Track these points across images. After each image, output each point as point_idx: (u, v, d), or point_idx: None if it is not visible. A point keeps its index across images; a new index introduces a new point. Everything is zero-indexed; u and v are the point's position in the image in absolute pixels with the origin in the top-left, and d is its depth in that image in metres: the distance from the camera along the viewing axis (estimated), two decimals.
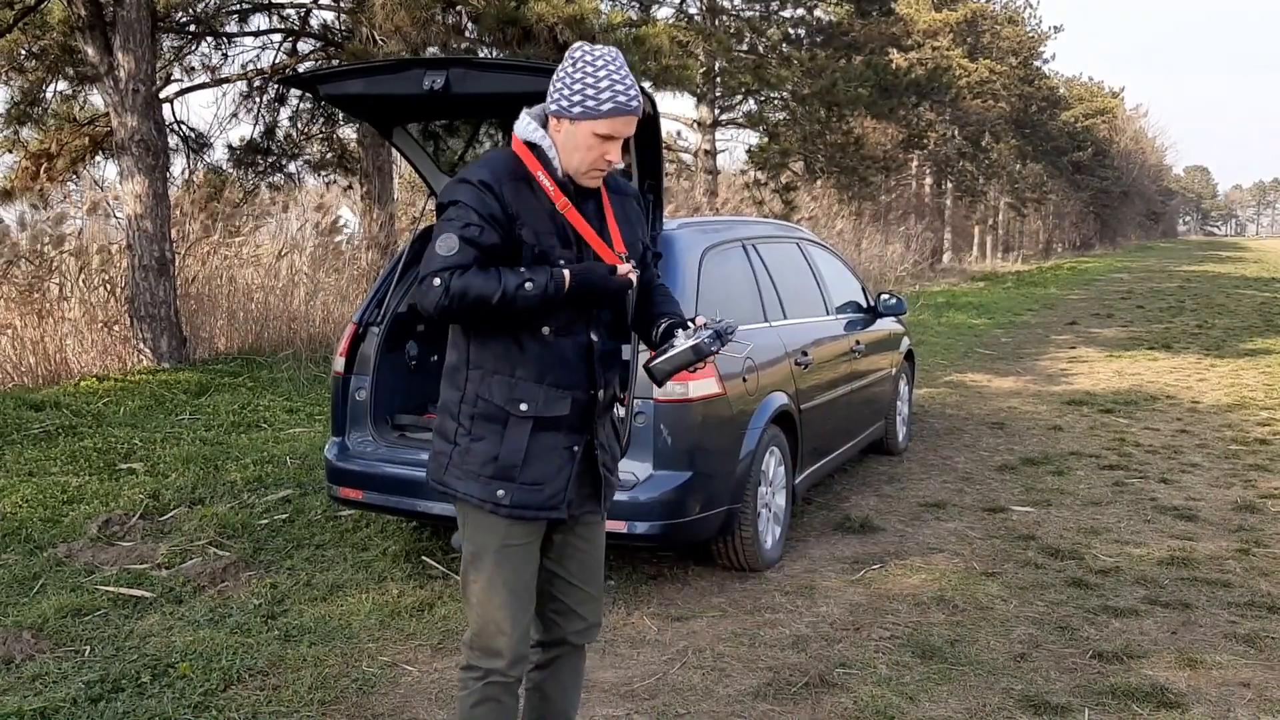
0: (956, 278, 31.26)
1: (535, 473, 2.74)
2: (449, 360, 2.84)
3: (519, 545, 2.79)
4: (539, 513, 2.76)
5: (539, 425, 2.74)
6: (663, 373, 2.77)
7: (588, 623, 2.99)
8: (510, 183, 2.70)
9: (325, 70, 4.86)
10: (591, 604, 2.99)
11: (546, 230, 2.71)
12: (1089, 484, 7.19)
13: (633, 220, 2.93)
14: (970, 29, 37.11)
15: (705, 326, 2.77)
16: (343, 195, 15.58)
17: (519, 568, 2.80)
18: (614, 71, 2.65)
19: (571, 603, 2.95)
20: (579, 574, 2.94)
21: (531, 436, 2.74)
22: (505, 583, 2.78)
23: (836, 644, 4.48)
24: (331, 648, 4.37)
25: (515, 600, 2.79)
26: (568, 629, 2.97)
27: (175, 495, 6.32)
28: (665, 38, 11.66)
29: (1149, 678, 4.15)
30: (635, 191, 3.02)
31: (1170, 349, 14.82)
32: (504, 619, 2.78)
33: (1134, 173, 72.48)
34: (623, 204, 2.92)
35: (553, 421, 2.75)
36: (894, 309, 7.55)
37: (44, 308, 9.53)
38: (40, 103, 12.70)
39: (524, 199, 2.70)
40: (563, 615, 2.96)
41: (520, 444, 2.73)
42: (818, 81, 21.29)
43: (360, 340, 5.48)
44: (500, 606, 2.78)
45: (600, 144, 2.68)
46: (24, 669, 4.13)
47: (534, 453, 2.74)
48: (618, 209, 2.88)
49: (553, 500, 2.77)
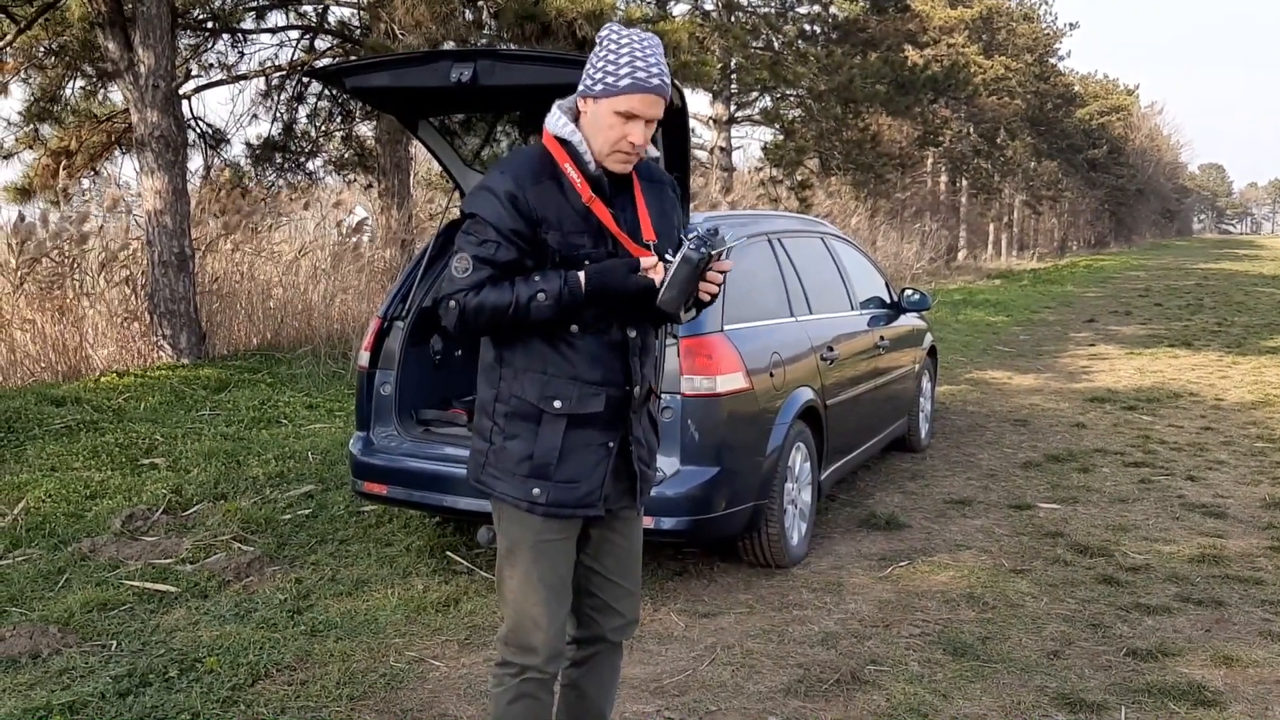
0: (972, 275, 31.15)
1: (570, 470, 2.71)
2: (483, 358, 2.82)
3: (555, 541, 2.76)
4: (575, 510, 2.73)
5: (573, 422, 2.70)
6: (670, 301, 2.63)
7: (625, 619, 2.95)
8: (535, 185, 2.67)
9: (351, 63, 4.84)
10: (629, 600, 2.95)
11: (576, 229, 2.67)
12: (1115, 481, 7.13)
13: (667, 209, 2.86)
14: (986, 26, 37.01)
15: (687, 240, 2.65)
16: (361, 193, 15.59)
17: (555, 563, 2.77)
18: (638, 50, 2.61)
19: (609, 599, 2.91)
20: (616, 570, 2.90)
21: (566, 434, 2.70)
22: (541, 578, 2.75)
23: (866, 641, 4.44)
24: (358, 643, 4.35)
25: (552, 596, 2.76)
26: (605, 625, 2.93)
27: (198, 490, 6.31)
28: (684, 33, 11.63)
29: (1184, 676, 4.10)
30: (669, 179, 2.95)
31: (1191, 346, 14.72)
32: (540, 615, 2.75)
33: (1149, 170, 72.12)
34: (657, 193, 2.85)
35: (587, 418, 2.71)
36: (917, 304, 7.50)
37: (65, 304, 9.54)
38: (59, 100, 12.72)
39: (550, 199, 2.66)
40: (600, 611, 2.92)
41: (555, 441, 2.70)
42: (834, 78, 21.24)
43: (385, 335, 5.45)
44: (537, 603, 2.75)
45: (621, 124, 2.63)
46: (51, 663, 4.12)
47: (568, 450, 2.71)
48: (651, 198, 2.82)
49: (589, 498, 2.73)
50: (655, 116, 2.65)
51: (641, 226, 2.75)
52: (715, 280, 2.66)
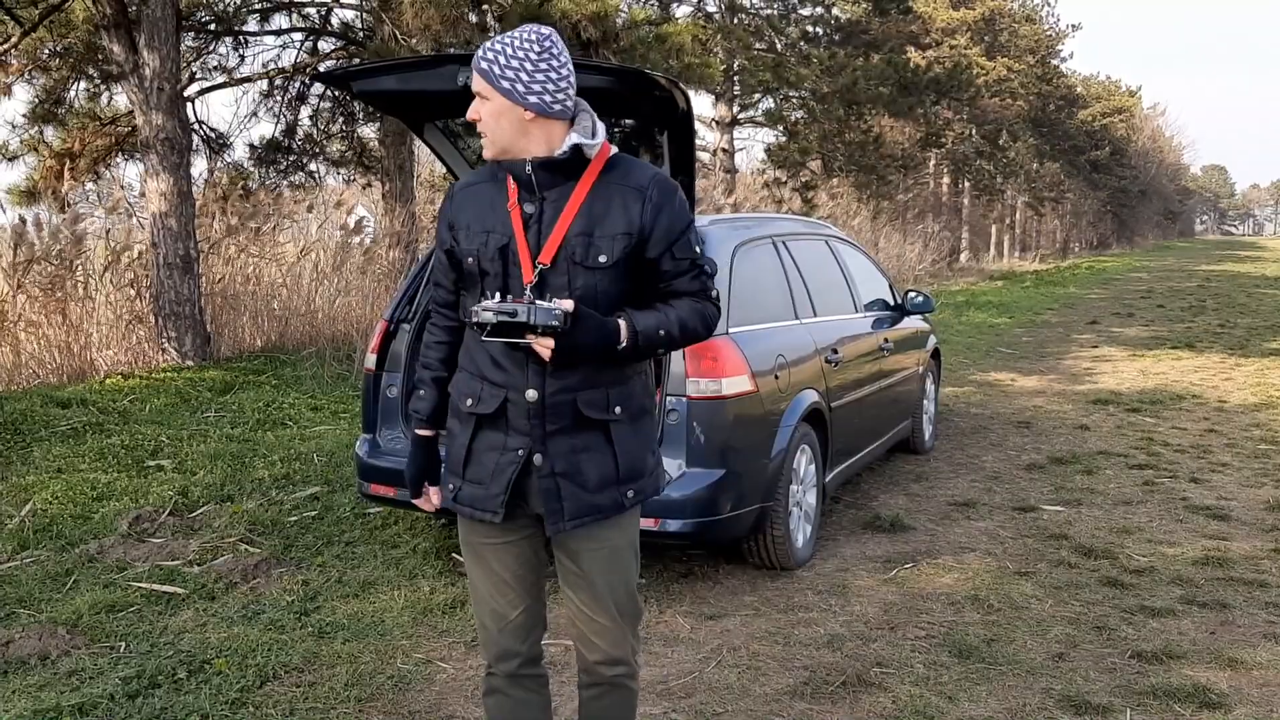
0: (975, 277, 31.17)
1: (476, 470, 2.66)
2: None
3: (485, 544, 2.71)
4: (477, 512, 2.66)
5: (480, 422, 2.65)
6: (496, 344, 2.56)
7: (606, 655, 2.75)
8: (469, 187, 2.69)
9: (359, 67, 4.84)
10: (607, 635, 2.73)
11: (481, 229, 2.61)
12: (1119, 483, 7.14)
13: (614, 214, 2.56)
14: (988, 27, 37.03)
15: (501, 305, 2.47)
16: (362, 193, 15.60)
17: (491, 567, 2.73)
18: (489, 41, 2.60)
19: (586, 630, 2.76)
20: (587, 603, 2.72)
21: (475, 433, 2.66)
22: (478, 579, 2.76)
23: (872, 643, 4.45)
24: (365, 644, 4.36)
25: (490, 598, 2.74)
26: (589, 658, 2.79)
27: (204, 492, 6.33)
28: (687, 36, 11.63)
29: (1190, 678, 4.11)
30: (647, 182, 2.60)
31: (1194, 348, 14.73)
32: (482, 614, 2.78)
33: (1151, 172, 72.12)
34: (615, 194, 2.57)
35: (490, 419, 2.63)
36: (921, 307, 7.51)
37: (68, 306, 9.56)
38: (63, 102, 12.74)
39: (475, 201, 2.65)
40: (583, 643, 2.79)
41: (464, 439, 2.67)
42: (837, 80, 21.25)
43: (391, 338, 5.47)
44: (476, 601, 2.78)
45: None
46: (60, 665, 4.13)
47: (476, 450, 2.66)
48: (598, 199, 2.57)
49: (492, 502, 2.63)
50: (476, 90, 2.56)
51: (550, 239, 2.54)
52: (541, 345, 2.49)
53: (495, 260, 2.58)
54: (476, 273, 2.61)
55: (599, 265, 2.55)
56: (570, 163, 2.58)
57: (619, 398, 2.64)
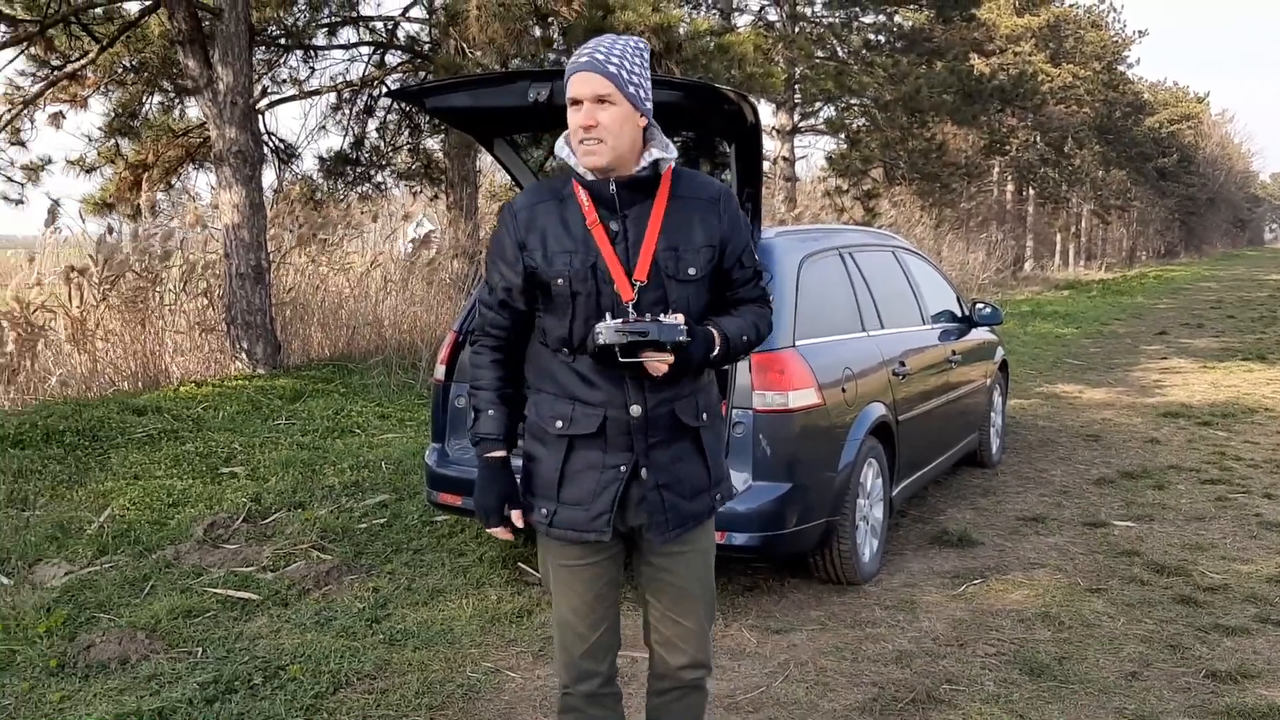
0: (1039, 286, 30.78)
1: (574, 492, 2.65)
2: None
3: (574, 566, 2.72)
4: (581, 534, 2.66)
5: (575, 443, 2.64)
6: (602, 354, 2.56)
7: (690, 659, 2.82)
8: (533, 206, 2.65)
9: (432, 84, 4.92)
10: (692, 639, 2.80)
11: (563, 249, 2.59)
12: (1190, 499, 7.02)
13: (696, 227, 2.63)
14: (1053, 34, 36.53)
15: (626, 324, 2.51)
16: (428, 204, 15.78)
17: (578, 589, 2.74)
18: (588, 45, 2.55)
19: (670, 635, 2.81)
20: (673, 607, 2.78)
21: (568, 455, 2.64)
22: (564, 602, 2.76)
23: (941, 660, 4.42)
24: (435, 652, 4.42)
25: (576, 620, 2.75)
26: (671, 663, 2.83)
27: (276, 499, 6.44)
28: (750, 45, 11.63)
29: (1265, 698, 4.04)
30: (720, 195, 2.69)
31: (1265, 360, 14.42)
32: (563, 637, 2.79)
33: (1220, 179, 70.73)
34: (693, 208, 2.64)
35: (587, 439, 2.63)
36: (989, 319, 7.44)
37: (147, 316, 9.78)
38: (138, 115, 13.05)
39: (542, 220, 2.62)
40: (663, 647, 2.83)
41: (556, 462, 2.65)
42: (900, 87, 21.11)
43: (460, 348, 5.54)
44: (559, 625, 2.79)
45: (574, 113, 2.53)
46: (139, 669, 4.23)
47: (572, 471, 2.64)
48: (676, 214, 2.62)
49: (596, 522, 2.64)
50: (596, 93, 2.49)
51: (641, 255, 2.58)
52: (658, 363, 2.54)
53: (587, 280, 2.58)
54: (568, 294, 2.59)
55: (689, 278, 2.62)
56: (648, 179, 2.62)
57: (705, 404, 2.73)
